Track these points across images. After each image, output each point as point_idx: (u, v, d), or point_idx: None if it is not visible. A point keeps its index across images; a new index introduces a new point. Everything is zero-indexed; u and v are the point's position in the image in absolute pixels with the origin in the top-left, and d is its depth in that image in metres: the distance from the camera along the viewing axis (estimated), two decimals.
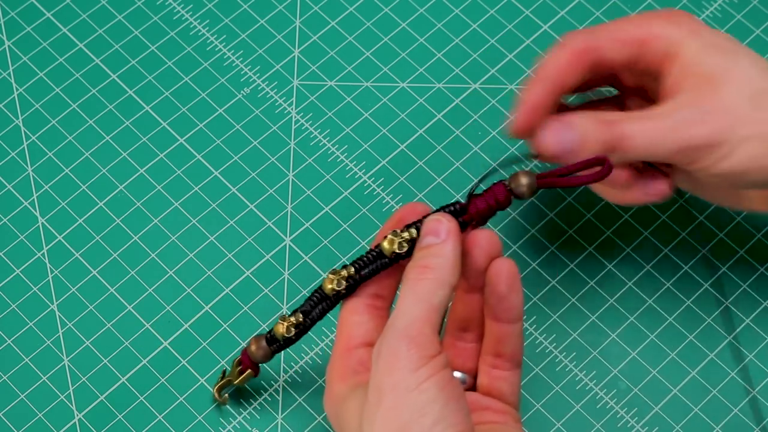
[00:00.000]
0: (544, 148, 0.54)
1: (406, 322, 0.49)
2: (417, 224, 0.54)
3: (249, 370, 0.58)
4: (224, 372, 0.60)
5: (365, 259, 0.54)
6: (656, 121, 0.53)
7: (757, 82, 0.54)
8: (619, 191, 0.58)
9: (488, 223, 0.55)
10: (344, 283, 0.54)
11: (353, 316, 0.54)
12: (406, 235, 0.54)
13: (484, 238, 0.54)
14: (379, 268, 0.54)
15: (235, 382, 0.58)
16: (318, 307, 0.55)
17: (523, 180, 0.53)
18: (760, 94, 0.53)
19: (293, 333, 0.56)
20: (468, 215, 0.54)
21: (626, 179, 0.57)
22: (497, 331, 0.54)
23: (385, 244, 0.54)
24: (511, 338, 0.54)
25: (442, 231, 0.52)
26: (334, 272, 0.54)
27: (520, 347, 0.55)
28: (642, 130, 0.53)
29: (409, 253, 0.53)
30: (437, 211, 0.54)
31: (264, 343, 0.57)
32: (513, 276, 0.53)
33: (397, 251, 0.53)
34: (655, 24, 0.55)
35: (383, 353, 0.49)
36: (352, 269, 0.54)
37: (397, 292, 0.54)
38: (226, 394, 0.60)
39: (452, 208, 0.54)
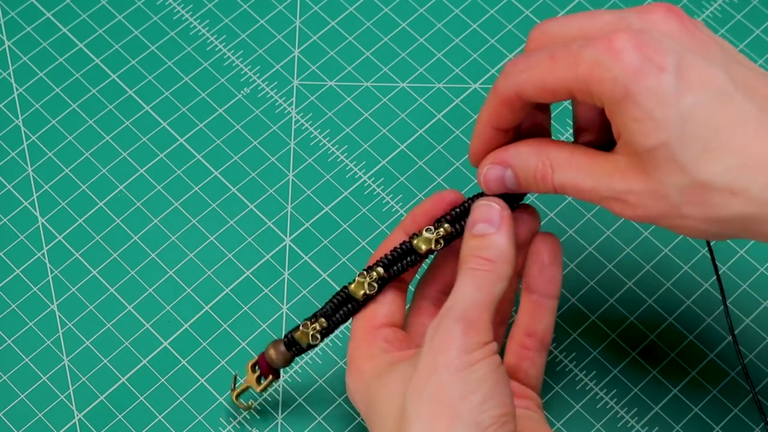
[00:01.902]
0: (487, 191, 0.53)
1: (465, 307, 0.50)
2: (449, 217, 0.54)
3: (271, 377, 0.57)
4: (235, 377, 0.60)
5: (393, 255, 0.54)
6: (589, 183, 0.50)
7: (698, 169, 0.46)
8: None
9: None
10: (376, 286, 0.54)
11: (376, 296, 0.55)
12: (441, 231, 0.54)
13: (527, 214, 0.54)
14: (409, 265, 0.54)
15: (258, 389, 0.57)
16: (342, 308, 0.55)
17: None
18: (697, 187, 0.46)
19: (318, 340, 0.56)
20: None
21: None
22: (533, 306, 0.55)
23: (421, 244, 0.54)
24: (545, 315, 0.55)
25: (495, 218, 0.52)
26: (362, 275, 0.54)
27: (551, 328, 0.55)
28: (574, 187, 0.50)
29: (446, 245, 0.54)
30: (471, 198, 0.54)
31: (283, 347, 0.56)
32: (557, 248, 0.54)
33: (434, 248, 0.54)
34: (581, 69, 0.48)
35: (441, 332, 0.49)
36: (381, 270, 0.54)
37: (416, 274, 0.56)
38: (251, 401, 0.60)
39: (479, 196, 0.54)
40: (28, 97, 0.68)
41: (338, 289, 0.56)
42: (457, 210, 0.54)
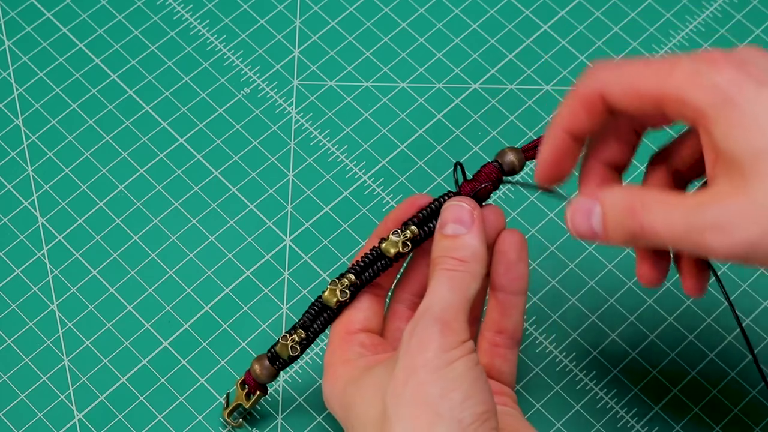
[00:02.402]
0: (571, 229, 0.51)
1: (441, 308, 0.50)
2: (416, 219, 0.54)
3: (259, 393, 0.58)
4: (227, 396, 0.60)
5: (363, 261, 0.54)
6: (680, 217, 0.46)
7: None
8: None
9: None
10: (348, 292, 0.54)
11: (353, 303, 0.55)
12: (408, 233, 0.54)
13: (492, 213, 0.54)
14: (380, 270, 0.54)
15: (247, 406, 0.58)
16: (319, 318, 0.55)
17: (509, 157, 0.54)
18: None
19: (298, 351, 0.56)
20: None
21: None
22: (501, 304, 0.55)
23: (389, 247, 0.54)
24: (514, 312, 0.55)
25: (466, 218, 0.52)
26: (334, 283, 0.54)
27: (521, 323, 0.56)
28: (665, 225, 0.47)
29: (414, 248, 0.54)
30: (438, 199, 0.54)
31: (267, 362, 0.56)
32: (522, 244, 0.54)
33: (401, 251, 0.54)
34: (677, 76, 0.46)
35: (418, 333, 0.49)
36: (352, 276, 0.54)
37: (396, 277, 0.56)
38: (240, 419, 0.60)
39: (447, 196, 0.54)
40: (28, 97, 0.68)
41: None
42: (425, 212, 0.54)
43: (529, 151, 0.54)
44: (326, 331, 0.56)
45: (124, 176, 0.66)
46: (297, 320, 0.56)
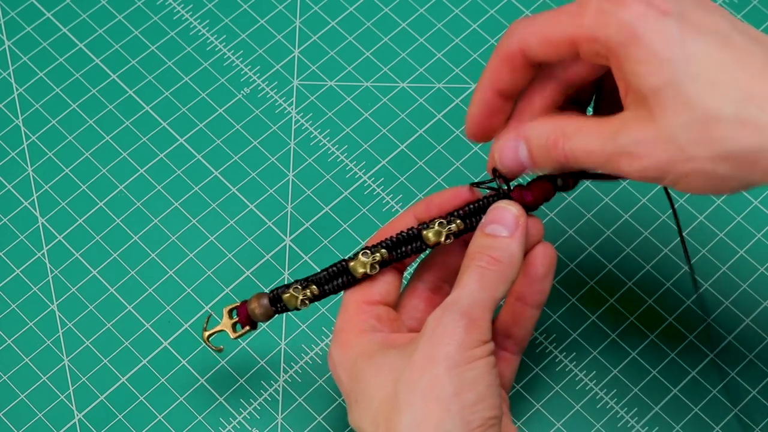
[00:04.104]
0: (499, 164, 0.53)
1: (470, 303, 0.50)
2: (461, 213, 0.53)
3: (248, 327, 0.56)
4: (209, 318, 0.58)
5: (399, 238, 0.54)
6: (598, 145, 0.49)
7: (705, 102, 0.46)
8: None
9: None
10: (377, 267, 0.54)
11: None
12: (453, 227, 0.53)
13: (533, 225, 0.54)
14: (413, 251, 0.54)
15: (232, 337, 0.56)
16: (336, 280, 0.55)
17: (563, 175, 0.54)
18: (704, 121, 0.46)
19: (306, 306, 0.55)
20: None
21: None
22: (517, 312, 0.55)
23: (430, 236, 0.53)
24: (527, 322, 0.55)
25: (510, 223, 0.52)
26: (366, 255, 0.54)
27: (530, 334, 0.56)
28: (585, 152, 0.49)
29: (454, 240, 0.54)
30: (487, 198, 0.53)
31: (267, 302, 0.55)
32: (553, 261, 0.54)
33: (442, 242, 0.54)
34: (586, 18, 0.48)
35: (443, 325, 0.50)
36: (386, 252, 0.54)
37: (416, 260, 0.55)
38: (221, 346, 0.59)
39: (497, 197, 0.54)
40: (28, 97, 0.68)
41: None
42: (472, 206, 0.54)
43: (582, 174, 0.54)
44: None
45: (124, 176, 0.66)
46: (312, 274, 0.55)
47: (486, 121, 0.53)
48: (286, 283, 0.63)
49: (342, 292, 0.55)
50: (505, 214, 0.52)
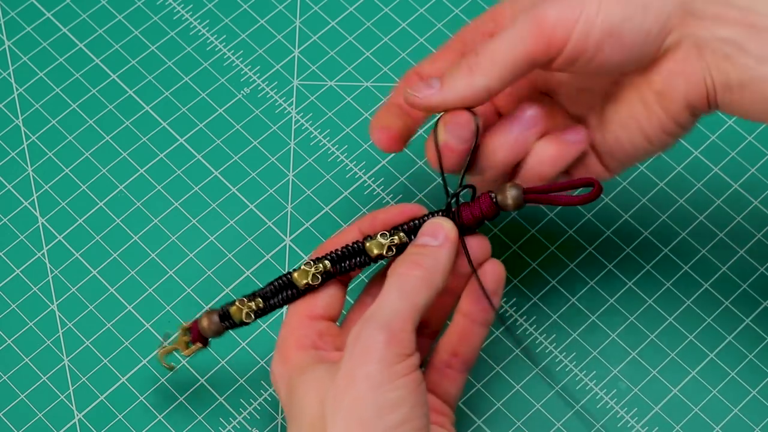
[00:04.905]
0: (408, 99, 0.53)
1: (389, 316, 0.49)
2: (406, 227, 0.54)
3: (199, 344, 0.56)
4: (165, 336, 0.58)
5: (342, 252, 0.54)
6: (503, 36, 0.51)
7: None
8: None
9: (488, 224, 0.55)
10: (320, 278, 0.54)
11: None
12: (396, 239, 0.54)
13: (478, 243, 0.54)
14: (357, 265, 0.54)
15: (184, 353, 0.56)
16: (281, 293, 0.55)
17: (510, 192, 0.53)
18: None
19: (252, 319, 0.55)
20: (458, 223, 0.54)
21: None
22: (463, 329, 0.54)
23: (373, 248, 0.54)
24: (474, 340, 0.54)
25: (440, 234, 0.52)
26: (309, 265, 0.54)
27: (476, 353, 0.55)
28: (499, 47, 0.51)
29: (396, 254, 0.54)
30: (430, 214, 0.54)
31: (216, 318, 0.55)
32: (501, 278, 0.54)
33: (384, 254, 0.54)
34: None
35: (362, 341, 0.49)
36: (329, 263, 0.54)
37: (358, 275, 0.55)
38: (173, 364, 0.58)
39: (437, 214, 0.54)
40: (28, 97, 0.68)
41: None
42: (415, 222, 0.54)
43: (532, 195, 0.53)
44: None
45: (124, 176, 0.66)
46: (259, 288, 0.55)
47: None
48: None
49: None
50: (435, 228, 0.52)
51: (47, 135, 0.68)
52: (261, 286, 0.63)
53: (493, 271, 0.54)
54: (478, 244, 0.54)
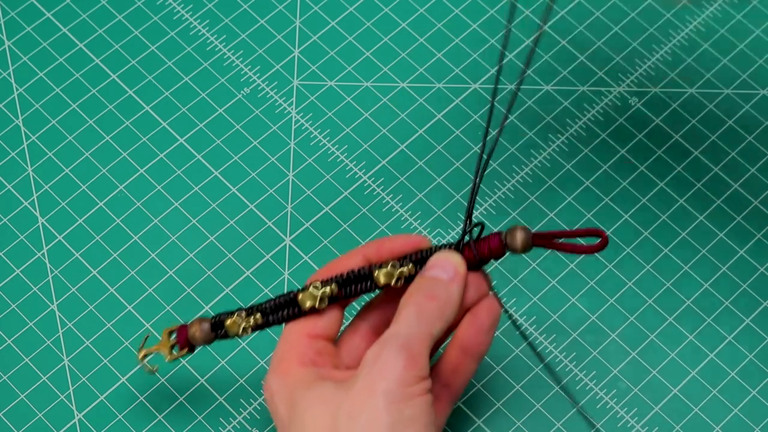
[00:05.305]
0: None
1: (408, 337, 0.51)
2: (416, 258, 0.54)
3: (186, 350, 0.56)
4: (146, 338, 0.58)
5: (349, 276, 0.54)
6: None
7: None
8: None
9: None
10: (326, 302, 0.54)
11: None
12: (405, 270, 0.54)
13: (479, 278, 0.55)
14: (363, 291, 0.54)
15: (167, 359, 0.56)
16: (282, 311, 0.55)
17: (519, 235, 0.54)
18: None
19: (248, 333, 0.55)
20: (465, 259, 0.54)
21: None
22: (456, 362, 0.55)
23: (381, 277, 0.54)
24: (466, 373, 0.55)
25: (450, 268, 0.53)
26: (316, 288, 0.54)
27: (465, 386, 0.56)
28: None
29: (405, 284, 0.54)
30: (437, 247, 0.54)
31: (208, 327, 0.55)
32: (497, 315, 0.55)
33: (392, 284, 0.54)
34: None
35: (383, 359, 0.50)
36: (336, 288, 0.54)
37: (359, 298, 0.55)
38: (157, 366, 0.58)
39: (444, 247, 0.54)
40: (28, 97, 0.68)
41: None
42: (425, 253, 0.54)
43: (539, 239, 0.54)
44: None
45: (124, 176, 0.66)
46: (261, 303, 0.55)
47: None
48: (285, 282, 0.63)
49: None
50: (446, 262, 0.54)
51: (47, 135, 0.68)
52: (261, 286, 0.64)
53: (489, 307, 0.55)
54: (479, 281, 0.55)
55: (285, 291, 0.63)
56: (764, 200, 0.65)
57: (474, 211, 0.65)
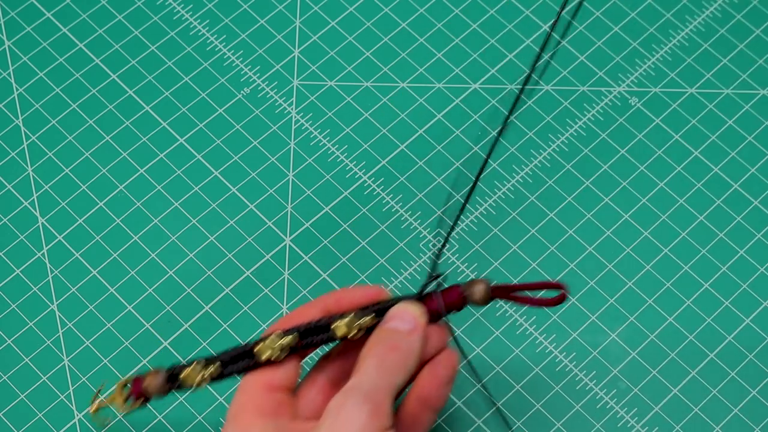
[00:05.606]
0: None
1: (372, 388, 0.50)
2: (374, 311, 0.54)
3: (141, 401, 0.55)
4: (99, 390, 0.58)
5: (308, 327, 0.54)
6: None
7: None
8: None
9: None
10: (285, 354, 0.54)
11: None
12: (364, 322, 0.54)
13: (438, 330, 0.55)
14: (321, 342, 0.54)
15: (121, 410, 0.55)
16: (240, 363, 0.54)
17: (478, 288, 0.54)
18: None
19: (205, 385, 0.54)
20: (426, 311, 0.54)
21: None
22: (417, 413, 0.55)
23: (342, 328, 0.54)
24: (425, 424, 0.55)
25: (410, 319, 0.53)
26: (273, 339, 0.53)
27: None
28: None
29: (362, 337, 0.54)
30: (396, 299, 0.54)
31: (161, 380, 0.54)
32: (456, 367, 0.55)
33: (351, 336, 0.54)
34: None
35: (346, 410, 0.49)
36: (294, 338, 0.54)
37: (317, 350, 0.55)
38: (109, 418, 0.58)
39: (404, 299, 0.54)
40: (28, 97, 0.68)
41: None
42: (383, 304, 0.54)
43: (498, 291, 0.54)
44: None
45: (124, 176, 0.66)
46: (216, 353, 0.54)
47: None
48: (286, 282, 0.63)
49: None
50: (405, 313, 0.53)
51: (47, 135, 0.68)
52: (261, 286, 0.64)
53: (447, 360, 0.55)
54: (438, 333, 0.55)
55: (284, 292, 0.63)
56: (764, 200, 0.65)
57: (474, 212, 0.65)
